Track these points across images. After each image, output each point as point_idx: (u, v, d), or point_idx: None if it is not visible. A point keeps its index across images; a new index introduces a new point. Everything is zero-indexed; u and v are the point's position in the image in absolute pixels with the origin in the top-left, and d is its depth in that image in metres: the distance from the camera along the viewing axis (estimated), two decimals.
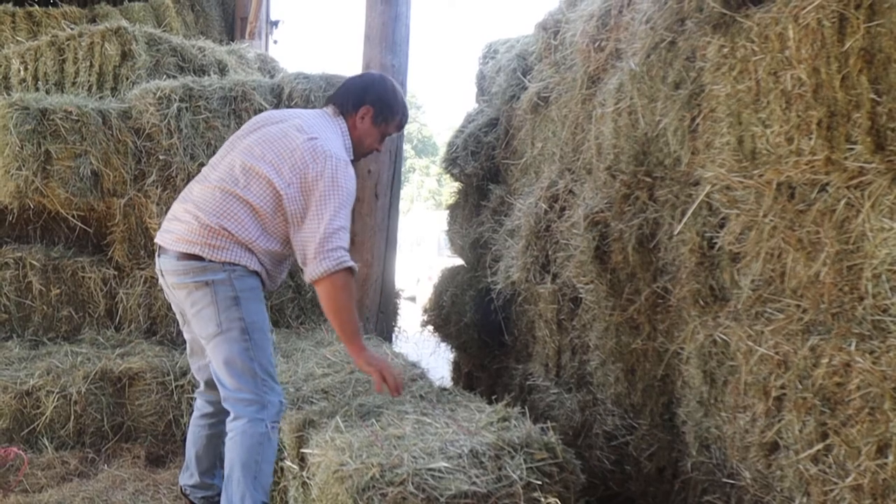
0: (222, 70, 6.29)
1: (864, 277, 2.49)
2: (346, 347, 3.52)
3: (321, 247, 3.28)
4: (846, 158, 2.52)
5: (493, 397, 3.54)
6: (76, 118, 5.08)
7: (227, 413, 3.48)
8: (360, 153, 3.72)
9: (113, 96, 5.82)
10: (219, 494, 3.67)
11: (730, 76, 2.99)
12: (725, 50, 3.02)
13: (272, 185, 3.37)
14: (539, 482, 2.58)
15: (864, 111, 2.44)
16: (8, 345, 5.28)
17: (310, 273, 3.31)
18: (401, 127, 3.89)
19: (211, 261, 3.37)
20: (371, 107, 3.64)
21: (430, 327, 6.37)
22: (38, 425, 4.68)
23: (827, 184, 2.63)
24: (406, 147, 6.43)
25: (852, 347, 2.47)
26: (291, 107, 5.54)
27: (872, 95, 2.41)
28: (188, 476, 3.82)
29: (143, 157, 5.32)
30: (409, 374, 4.05)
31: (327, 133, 3.54)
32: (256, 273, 3.45)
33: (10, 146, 4.95)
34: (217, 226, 3.37)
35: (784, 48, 2.69)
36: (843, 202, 2.56)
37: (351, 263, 3.30)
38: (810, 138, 2.61)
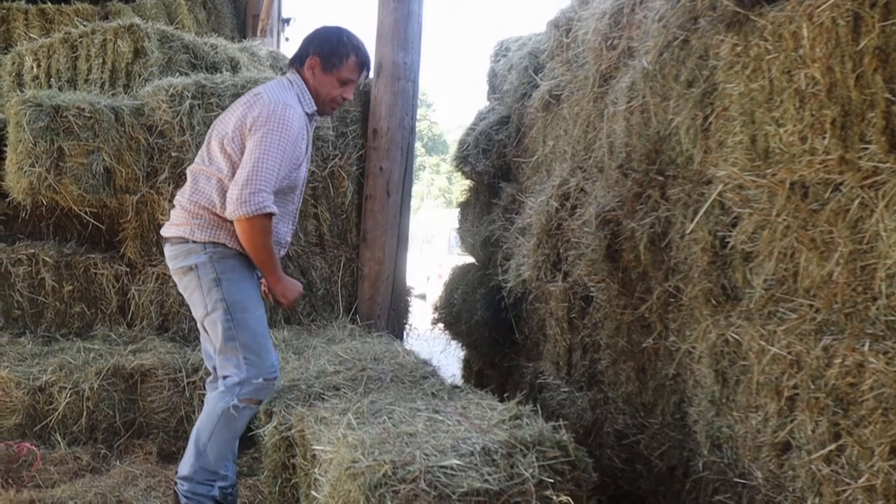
0: (234, 67, 6.30)
1: (877, 277, 2.48)
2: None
3: (244, 188, 3.40)
4: (860, 158, 2.51)
5: (506, 395, 3.54)
6: (89, 115, 5.10)
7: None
8: (323, 103, 3.77)
9: (125, 93, 5.84)
10: (232, 485, 3.82)
11: (743, 75, 2.98)
12: (739, 48, 3.01)
13: (224, 148, 3.55)
14: (551, 480, 2.57)
15: (878, 110, 2.43)
16: (21, 341, 5.31)
17: (230, 212, 3.45)
18: (359, 69, 3.79)
19: (194, 241, 3.57)
20: (316, 55, 3.70)
21: (441, 325, 6.37)
22: (50, 421, 4.71)
23: (841, 183, 2.62)
24: (417, 145, 6.42)
25: (865, 348, 2.46)
26: None
27: (887, 95, 2.40)
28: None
29: (155, 153, 5.33)
30: (420, 371, 4.05)
31: (272, 86, 3.68)
32: (239, 252, 3.59)
33: (23, 143, 4.97)
34: (192, 205, 3.60)
35: (798, 47, 2.68)
36: (856, 202, 2.55)
37: (271, 209, 3.42)
38: (824, 137, 2.60)
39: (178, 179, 5.26)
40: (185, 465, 3.64)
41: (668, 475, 3.69)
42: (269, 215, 3.43)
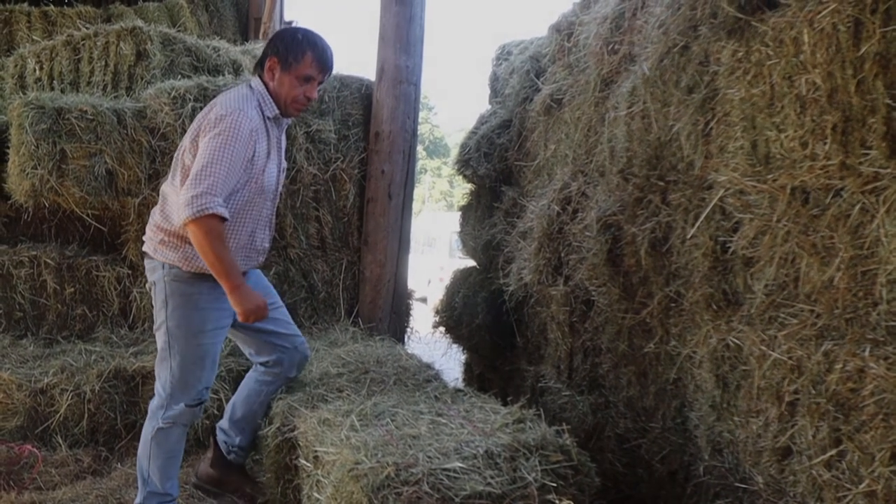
0: (237, 70, 6.31)
1: (878, 283, 2.49)
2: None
3: (188, 192, 3.35)
4: (861, 163, 2.52)
5: (509, 399, 3.54)
6: (91, 117, 5.11)
7: (282, 377, 3.98)
8: (285, 105, 3.70)
9: (128, 96, 5.85)
10: (234, 447, 4.06)
11: (744, 80, 2.99)
12: (740, 54, 3.02)
13: (182, 161, 3.57)
14: (554, 484, 2.59)
15: (879, 116, 2.44)
16: (22, 343, 5.32)
17: (178, 218, 3.43)
18: (318, 64, 3.70)
19: (155, 259, 3.62)
20: (274, 56, 3.67)
21: (442, 328, 6.37)
22: (52, 423, 4.71)
23: (841, 189, 2.63)
24: (418, 148, 6.43)
25: (866, 353, 2.47)
26: None
27: (888, 100, 2.41)
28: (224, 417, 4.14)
29: (157, 156, 5.34)
30: (423, 375, 4.07)
31: (228, 95, 3.65)
32: (196, 275, 3.57)
33: (25, 145, 4.98)
34: (159, 223, 3.62)
35: (799, 52, 2.69)
36: (857, 207, 2.56)
37: (215, 210, 3.33)
38: (825, 143, 2.61)
39: None
40: (138, 495, 3.73)
41: (669, 479, 3.69)
42: (218, 218, 3.35)
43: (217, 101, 3.61)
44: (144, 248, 3.71)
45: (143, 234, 3.77)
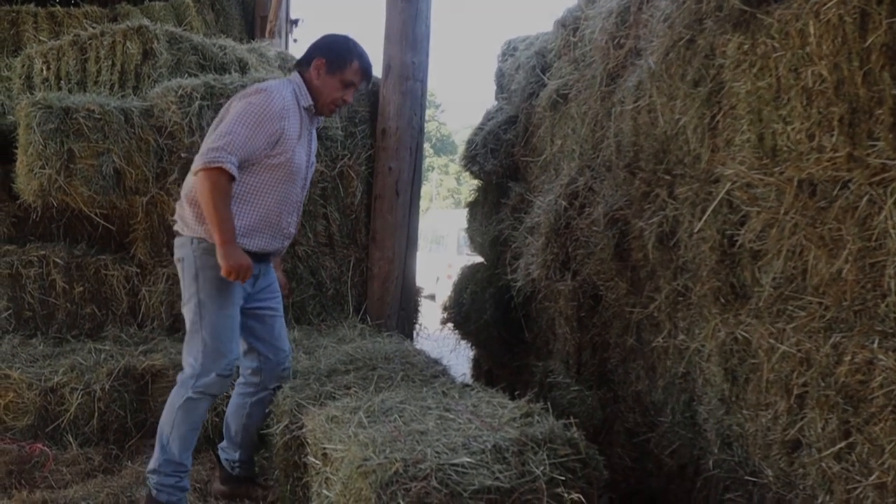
0: (243, 68, 6.32)
1: (886, 274, 2.48)
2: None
3: (208, 144, 3.55)
4: (868, 155, 2.51)
5: (516, 394, 3.54)
6: (98, 117, 5.12)
7: (262, 388, 4.02)
8: (323, 103, 3.91)
9: (135, 95, 5.86)
10: (235, 462, 4.16)
11: (750, 73, 2.98)
12: (746, 47, 3.01)
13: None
14: (562, 478, 2.58)
15: (886, 107, 2.43)
16: (32, 342, 5.34)
17: (193, 167, 3.58)
18: (362, 74, 3.96)
19: (183, 235, 3.75)
20: (322, 58, 3.86)
21: (450, 325, 6.37)
22: (62, 422, 4.73)
23: (849, 181, 2.62)
24: (425, 145, 6.44)
25: (875, 345, 2.46)
26: None
27: (895, 91, 2.41)
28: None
29: (164, 155, 5.35)
30: (430, 371, 4.07)
31: (268, 82, 3.85)
32: None
33: (33, 145, 4.99)
34: (185, 199, 3.74)
35: (805, 44, 2.68)
36: (865, 199, 2.55)
37: (224, 164, 3.48)
38: (832, 135, 2.60)
39: None
40: (153, 460, 3.78)
41: (679, 473, 3.69)
42: (226, 174, 3.50)
43: (259, 84, 3.81)
44: (175, 228, 3.85)
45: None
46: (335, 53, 3.88)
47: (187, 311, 3.77)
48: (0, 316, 5.49)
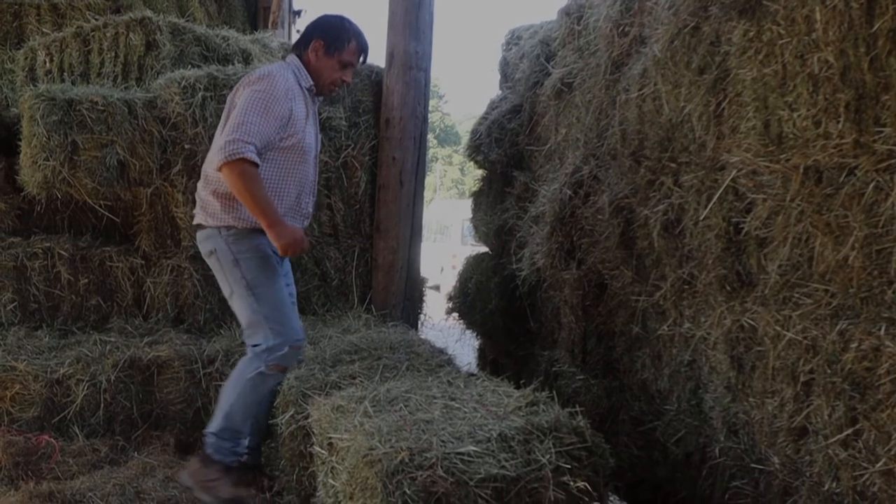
0: (246, 59, 6.30)
1: (893, 261, 2.48)
2: None
3: (223, 138, 3.60)
4: (875, 141, 2.50)
5: (521, 383, 3.54)
6: (102, 108, 5.11)
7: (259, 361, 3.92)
8: (323, 84, 4.02)
9: (138, 86, 5.85)
10: (244, 451, 4.02)
11: (756, 60, 2.97)
12: (751, 34, 3.00)
13: (226, 125, 3.75)
14: (568, 466, 2.59)
15: (892, 93, 2.43)
16: (38, 334, 5.33)
17: (216, 163, 3.63)
18: (359, 53, 4.06)
19: (210, 227, 3.83)
20: (320, 39, 3.96)
21: (455, 314, 6.38)
22: (68, 413, 4.74)
23: (855, 167, 2.61)
24: (429, 136, 6.46)
25: (882, 332, 2.46)
26: None
27: None
28: None
29: (168, 146, 5.34)
30: (435, 360, 4.07)
31: (268, 66, 3.97)
32: (253, 230, 3.76)
33: (37, 137, 4.98)
34: (204, 191, 3.84)
35: (811, 31, 2.67)
36: (871, 185, 2.54)
37: (245, 154, 3.55)
38: (838, 121, 2.59)
39: (192, 171, 5.26)
40: (213, 423, 3.85)
41: (685, 461, 3.69)
42: (249, 162, 3.56)
43: (259, 69, 3.89)
44: (196, 221, 3.92)
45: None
46: (332, 35, 3.95)
47: (237, 300, 3.82)
48: (5, 308, 5.49)
